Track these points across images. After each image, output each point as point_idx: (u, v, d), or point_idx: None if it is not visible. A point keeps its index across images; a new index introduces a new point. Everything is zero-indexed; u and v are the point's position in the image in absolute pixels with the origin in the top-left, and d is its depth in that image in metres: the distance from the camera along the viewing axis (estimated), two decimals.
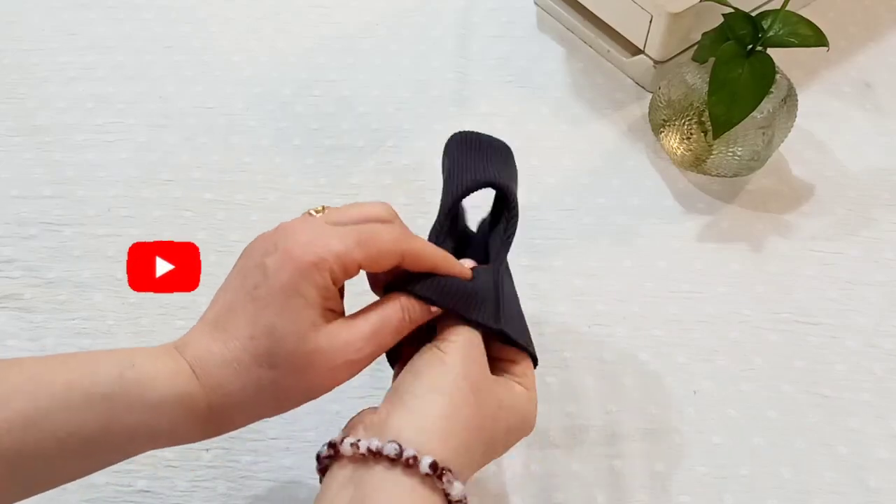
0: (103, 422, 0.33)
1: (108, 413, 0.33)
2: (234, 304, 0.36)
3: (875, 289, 0.60)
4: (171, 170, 0.66)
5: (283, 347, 0.35)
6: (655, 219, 0.64)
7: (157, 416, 0.34)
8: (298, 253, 0.35)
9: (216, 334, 0.36)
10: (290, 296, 0.35)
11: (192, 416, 0.35)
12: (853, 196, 0.65)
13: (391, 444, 0.34)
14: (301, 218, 0.39)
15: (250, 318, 0.35)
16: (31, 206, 0.64)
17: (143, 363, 0.34)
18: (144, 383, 0.34)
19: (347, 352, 0.36)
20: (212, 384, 0.35)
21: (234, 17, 0.78)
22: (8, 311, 0.58)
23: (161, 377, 0.34)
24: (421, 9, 0.78)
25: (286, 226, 0.38)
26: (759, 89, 0.58)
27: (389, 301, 0.39)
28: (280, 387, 0.36)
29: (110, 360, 0.34)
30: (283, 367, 0.35)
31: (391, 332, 0.38)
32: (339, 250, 0.36)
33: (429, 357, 0.38)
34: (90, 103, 0.70)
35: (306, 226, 0.37)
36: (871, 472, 0.52)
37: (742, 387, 0.55)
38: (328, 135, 0.69)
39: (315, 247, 0.35)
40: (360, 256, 0.36)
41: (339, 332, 0.36)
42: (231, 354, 0.35)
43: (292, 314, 0.35)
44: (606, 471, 0.52)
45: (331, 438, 0.38)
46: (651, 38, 0.68)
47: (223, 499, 0.51)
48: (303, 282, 0.35)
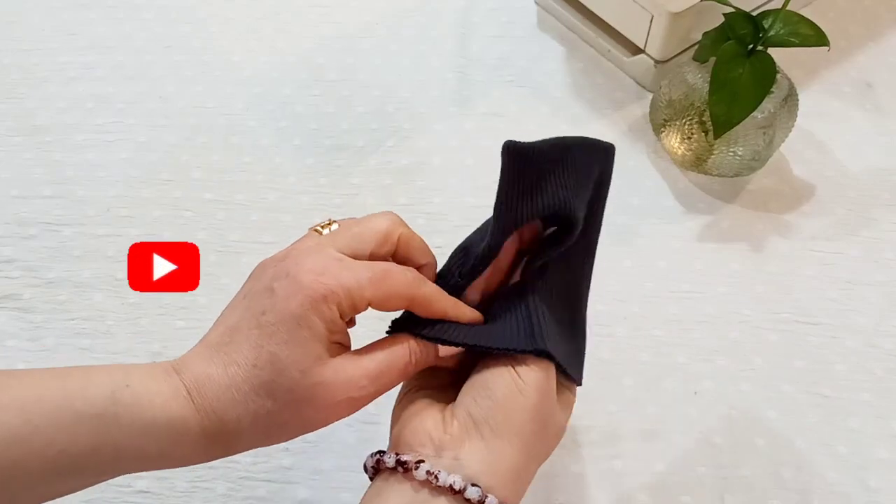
0: (93, 441, 0.32)
1: (99, 433, 0.32)
2: (238, 328, 0.35)
3: (875, 289, 0.60)
4: (171, 170, 0.66)
5: (285, 379, 0.34)
6: (655, 219, 0.64)
7: (148, 439, 0.33)
8: (308, 282, 0.34)
9: (217, 357, 0.35)
10: (297, 326, 0.34)
11: (184, 441, 0.34)
12: (853, 196, 0.65)
13: (474, 490, 0.34)
14: (312, 242, 0.37)
15: (254, 344, 0.34)
16: (31, 206, 0.64)
17: (138, 383, 0.33)
18: (138, 405, 0.33)
19: (350, 389, 0.35)
20: (207, 409, 0.34)
21: (234, 17, 0.78)
22: (8, 311, 0.58)
23: (155, 399, 0.33)
24: (421, 9, 0.78)
25: (297, 251, 0.37)
26: (759, 89, 0.58)
27: (398, 342, 0.38)
28: (277, 419, 0.35)
29: (105, 377, 0.33)
30: (282, 399, 0.34)
31: (396, 374, 0.37)
32: (351, 286, 0.35)
33: (507, 383, 0.37)
34: (90, 103, 0.70)
35: (319, 255, 0.36)
36: (871, 472, 0.52)
37: (742, 387, 0.55)
38: (328, 135, 0.69)
39: (326, 279, 0.35)
40: (370, 295, 0.36)
41: (343, 368, 0.35)
42: (230, 381, 0.34)
43: (298, 345, 0.34)
44: (607, 471, 0.52)
45: (399, 454, 0.36)
46: (652, 37, 0.67)
47: (223, 499, 0.51)
48: (311, 312, 0.34)
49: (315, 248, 0.37)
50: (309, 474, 0.52)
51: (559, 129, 0.69)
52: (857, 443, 0.53)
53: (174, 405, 0.33)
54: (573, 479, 0.51)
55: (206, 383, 0.34)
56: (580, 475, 0.51)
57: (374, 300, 0.36)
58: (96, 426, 0.32)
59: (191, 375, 0.34)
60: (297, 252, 0.37)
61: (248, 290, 0.37)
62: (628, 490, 0.51)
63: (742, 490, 0.51)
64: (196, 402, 0.34)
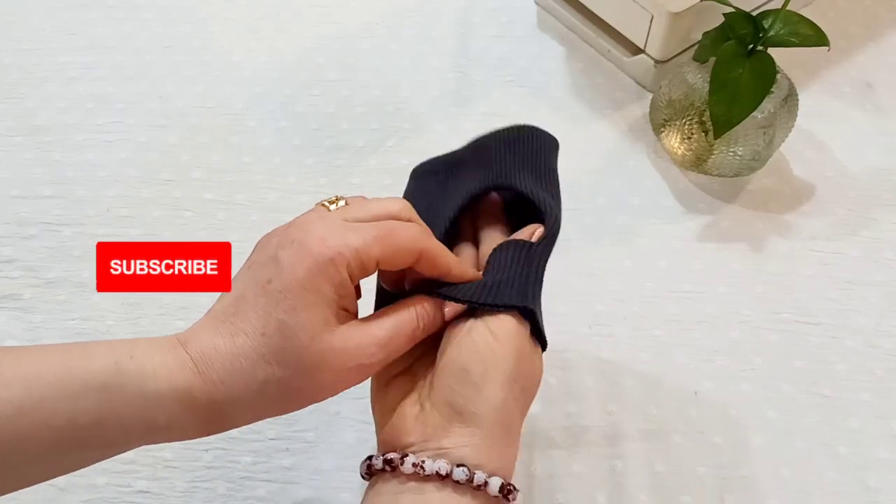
0: (99, 413, 0.32)
1: (104, 404, 0.32)
2: (244, 297, 0.35)
3: (875, 289, 0.60)
4: (171, 170, 0.66)
5: (294, 345, 0.34)
6: (655, 219, 0.63)
7: (153, 409, 0.33)
8: (315, 247, 0.34)
9: (223, 328, 0.34)
10: (304, 292, 0.34)
11: (190, 412, 0.34)
12: (853, 196, 0.65)
13: (461, 469, 0.35)
14: (317, 212, 0.37)
15: (261, 312, 0.34)
16: (31, 206, 0.64)
17: (142, 354, 0.33)
18: (142, 375, 0.33)
19: (360, 355, 0.35)
20: (214, 380, 0.34)
21: (234, 17, 0.78)
22: (8, 311, 0.58)
23: (160, 370, 0.33)
24: (421, 9, 0.78)
25: (302, 219, 0.37)
26: (759, 89, 0.58)
27: (404, 307, 0.38)
28: (286, 386, 0.34)
29: (109, 349, 0.33)
30: (292, 366, 0.34)
31: (405, 340, 0.37)
32: (358, 245, 0.35)
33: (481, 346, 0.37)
34: (90, 103, 0.70)
35: (323, 221, 0.36)
36: (871, 472, 0.52)
37: (742, 387, 0.55)
38: (328, 135, 0.69)
39: (333, 241, 0.34)
40: (378, 253, 0.35)
41: (352, 335, 0.35)
42: (238, 350, 0.34)
43: (306, 311, 0.34)
44: (607, 471, 0.52)
45: (385, 452, 0.37)
46: (652, 37, 0.67)
47: (223, 499, 0.51)
48: (319, 277, 0.34)
49: (318, 215, 0.37)
50: (309, 474, 0.52)
51: (559, 129, 0.69)
52: (857, 443, 0.53)
53: (180, 376, 0.33)
54: (573, 479, 0.51)
55: (213, 354, 0.34)
56: (580, 475, 0.51)
57: (382, 258, 0.36)
58: (101, 396, 0.32)
59: (197, 347, 0.34)
60: (302, 220, 0.37)
61: (252, 260, 0.37)
62: (628, 490, 0.51)
63: (742, 490, 0.51)
64: (203, 373, 0.34)
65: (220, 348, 0.34)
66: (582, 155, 0.68)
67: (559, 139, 0.69)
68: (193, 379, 0.33)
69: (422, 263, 0.38)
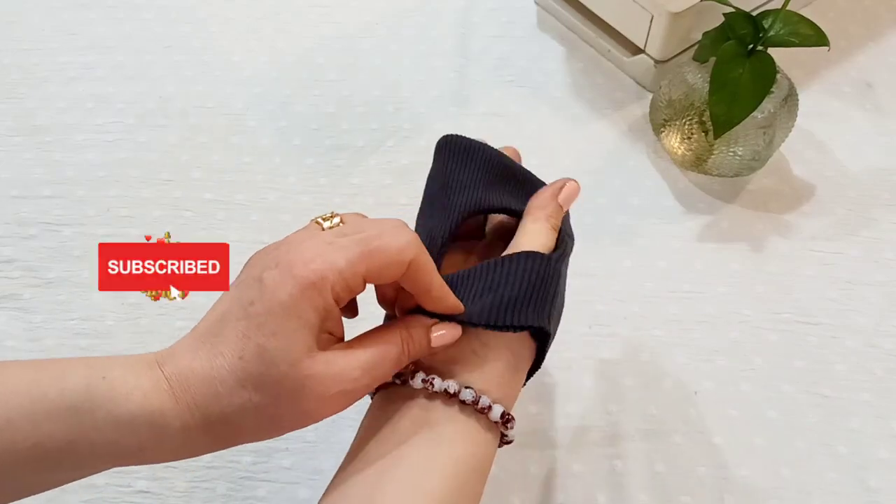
0: (69, 435, 0.31)
1: (74, 427, 0.31)
2: (226, 319, 0.34)
3: (875, 289, 0.60)
4: (171, 170, 0.66)
5: (273, 372, 0.33)
6: (655, 219, 0.63)
7: (124, 434, 0.32)
8: (299, 270, 0.33)
9: (202, 349, 0.33)
10: (286, 316, 0.33)
11: (163, 437, 0.32)
12: (853, 196, 0.65)
13: (468, 391, 0.37)
14: (308, 230, 0.36)
15: (241, 335, 0.33)
16: (31, 206, 0.64)
17: (115, 375, 0.32)
18: (114, 398, 0.32)
19: (342, 381, 0.34)
20: (189, 403, 0.32)
21: (234, 17, 0.78)
22: (7, 311, 0.58)
23: (134, 392, 0.32)
24: (421, 9, 0.78)
25: (290, 240, 0.36)
26: (759, 89, 0.58)
27: (389, 332, 0.37)
28: (263, 413, 0.33)
29: (82, 369, 0.32)
30: (270, 392, 0.33)
31: (389, 365, 0.36)
32: (342, 267, 0.33)
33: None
34: (90, 103, 0.70)
35: (311, 241, 0.35)
36: (871, 472, 0.52)
37: (742, 387, 0.55)
38: (328, 135, 0.69)
39: (316, 264, 0.33)
40: (364, 270, 0.34)
41: (335, 360, 0.34)
42: (215, 373, 0.33)
43: (287, 337, 0.33)
44: (607, 471, 0.52)
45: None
46: (652, 37, 0.67)
47: (223, 499, 0.51)
48: (302, 302, 0.33)
49: (309, 234, 0.36)
50: (309, 474, 0.52)
51: (559, 129, 0.70)
52: (857, 443, 0.53)
53: (154, 399, 0.32)
54: (573, 479, 0.51)
55: (190, 377, 0.33)
56: (580, 475, 0.51)
57: (369, 274, 0.35)
58: (72, 420, 0.31)
59: (174, 368, 0.33)
60: (290, 240, 0.36)
61: (240, 280, 0.36)
62: (628, 490, 0.51)
63: (742, 490, 0.51)
64: (177, 396, 0.32)
65: (198, 371, 0.33)
66: (582, 155, 0.68)
67: (559, 139, 0.69)
68: (167, 402, 0.32)
69: (407, 277, 0.36)
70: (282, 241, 0.36)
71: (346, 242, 0.35)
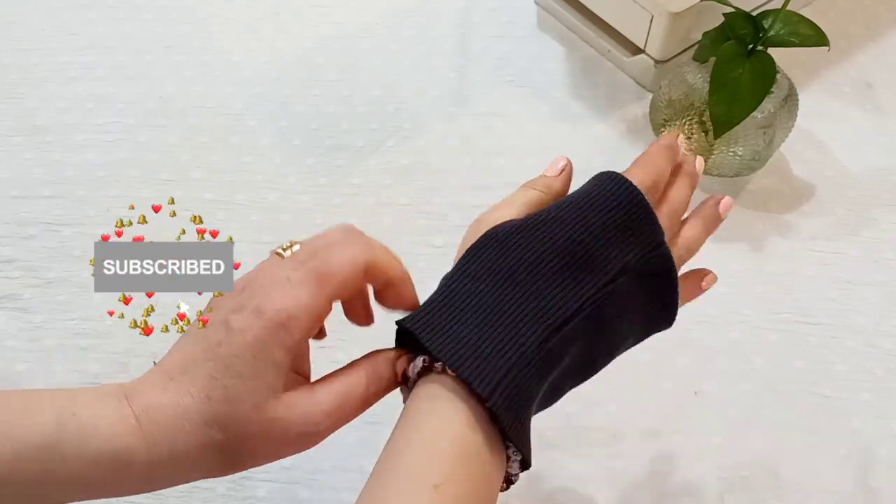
0: (36, 473, 0.31)
1: (43, 464, 0.31)
2: (193, 358, 0.34)
3: (875, 289, 0.60)
4: (171, 170, 0.66)
5: (237, 413, 0.33)
6: None
7: (92, 470, 0.32)
8: (267, 313, 0.33)
9: (170, 386, 0.34)
10: (253, 359, 0.33)
11: (128, 472, 0.33)
12: (853, 196, 0.65)
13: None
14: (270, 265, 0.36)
15: (208, 376, 0.33)
16: (31, 206, 0.64)
17: (84, 410, 0.32)
18: (82, 435, 0.32)
19: (305, 425, 0.34)
20: (157, 440, 0.33)
21: (234, 17, 0.78)
22: (7, 311, 0.58)
23: (101, 426, 0.32)
24: (421, 9, 0.78)
25: (254, 279, 0.36)
26: (759, 89, 0.58)
27: (355, 370, 0.37)
28: (226, 451, 0.34)
29: (50, 405, 0.32)
30: (233, 432, 0.33)
31: (354, 405, 0.36)
32: (306, 301, 0.34)
33: None
34: (90, 103, 0.70)
35: (273, 282, 0.35)
36: (871, 472, 0.52)
37: (742, 387, 0.55)
38: (328, 135, 0.69)
39: (282, 303, 0.34)
40: (329, 293, 0.34)
41: (298, 403, 0.34)
42: (182, 411, 0.33)
43: (252, 380, 0.33)
44: (606, 471, 0.52)
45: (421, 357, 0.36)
46: (652, 37, 0.67)
47: (223, 499, 0.51)
48: (270, 344, 0.33)
49: (270, 269, 0.35)
50: (309, 474, 0.52)
51: (559, 129, 0.70)
52: (857, 443, 0.53)
53: (122, 435, 0.32)
54: (573, 479, 0.51)
55: (157, 413, 0.33)
56: (580, 475, 0.51)
57: (334, 296, 0.35)
58: (41, 457, 0.31)
59: (142, 402, 0.33)
60: (254, 280, 0.35)
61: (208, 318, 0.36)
62: (628, 490, 0.51)
63: (742, 490, 0.51)
64: (144, 431, 0.33)
65: (166, 407, 0.33)
66: (582, 155, 0.67)
67: (559, 139, 0.69)
68: (134, 437, 0.33)
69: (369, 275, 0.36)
70: (246, 281, 0.36)
71: (302, 275, 0.35)
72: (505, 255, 0.38)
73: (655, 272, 0.39)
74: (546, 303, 0.36)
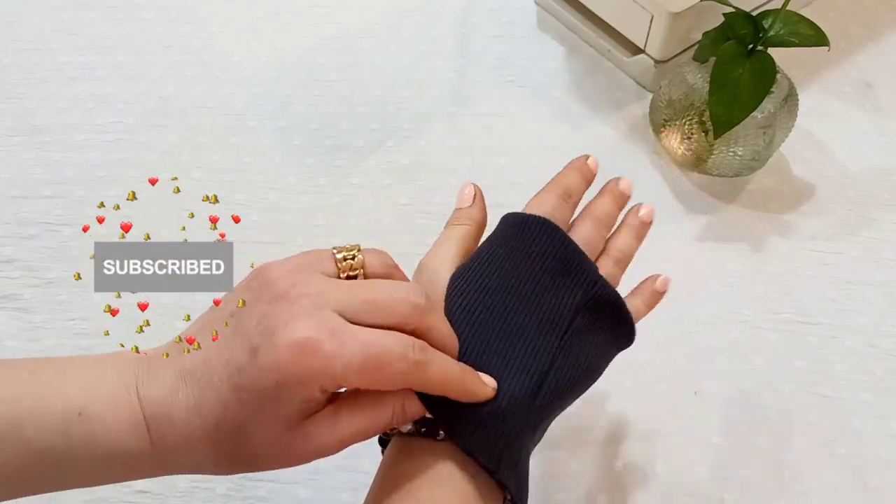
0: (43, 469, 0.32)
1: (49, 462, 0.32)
2: (210, 376, 0.32)
3: (875, 289, 0.60)
4: (171, 170, 0.66)
5: (246, 449, 0.33)
6: (655, 219, 0.63)
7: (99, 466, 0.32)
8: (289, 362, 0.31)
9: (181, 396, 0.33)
10: (269, 402, 0.32)
11: (133, 471, 0.33)
12: (853, 196, 0.65)
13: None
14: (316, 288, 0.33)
15: (222, 403, 0.32)
16: (31, 206, 0.64)
17: (94, 409, 0.32)
18: (91, 436, 0.32)
19: (318, 452, 0.34)
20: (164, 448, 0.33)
21: (234, 17, 0.78)
22: (7, 311, 0.58)
23: (112, 429, 0.32)
24: (421, 9, 0.78)
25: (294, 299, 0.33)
26: (759, 89, 0.58)
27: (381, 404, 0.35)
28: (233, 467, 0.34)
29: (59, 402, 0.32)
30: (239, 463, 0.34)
31: (374, 432, 0.35)
32: (335, 372, 0.31)
33: None
34: (90, 103, 0.70)
35: (311, 321, 0.32)
36: (871, 472, 0.52)
37: (742, 387, 0.55)
38: (328, 135, 0.69)
39: (309, 359, 0.31)
40: (357, 382, 0.33)
41: (317, 433, 0.33)
42: (190, 432, 0.32)
43: (266, 423, 0.32)
44: (606, 471, 0.52)
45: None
46: (652, 37, 0.67)
47: (223, 499, 0.51)
48: (286, 392, 0.31)
49: (312, 307, 0.32)
50: (309, 474, 0.52)
51: (559, 129, 0.70)
52: (857, 443, 0.53)
53: (132, 440, 0.32)
54: (573, 479, 0.51)
55: (167, 425, 0.32)
56: (580, 475, 0.51)
57: (362, 385, 0.33)
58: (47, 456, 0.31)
59: (154, 409, 0.32)
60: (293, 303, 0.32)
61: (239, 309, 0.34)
62: (628, 490, 0.51)
63: (742, 490, 0.51)
64: (154, 439, 0.32)
65: (176, 422, 0.32)
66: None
67: (559, 139, 0.69)
68: (142, 442, 0.32)
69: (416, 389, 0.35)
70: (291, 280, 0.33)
71: (347, 338, 0.32)
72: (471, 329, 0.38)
73: (601, 305, 0.41)
74: (524, 361, 0.38)
